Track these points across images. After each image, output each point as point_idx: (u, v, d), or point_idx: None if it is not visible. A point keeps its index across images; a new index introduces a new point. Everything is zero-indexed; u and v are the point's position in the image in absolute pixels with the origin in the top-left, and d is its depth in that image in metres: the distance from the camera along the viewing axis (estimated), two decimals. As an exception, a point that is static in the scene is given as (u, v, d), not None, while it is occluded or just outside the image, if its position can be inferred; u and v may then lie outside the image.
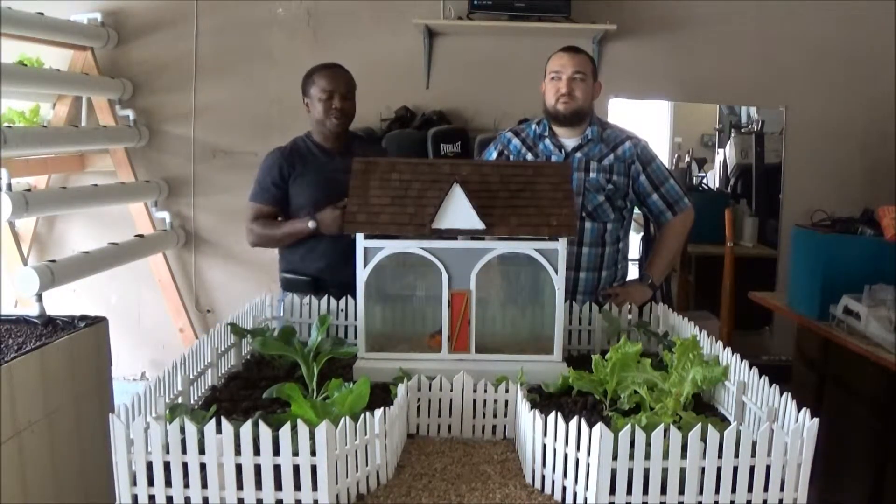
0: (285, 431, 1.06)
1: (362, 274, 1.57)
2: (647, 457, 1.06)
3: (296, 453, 1.07)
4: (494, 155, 2.44)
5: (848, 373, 2.46)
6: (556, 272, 1.55)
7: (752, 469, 1.07)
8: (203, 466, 1.07)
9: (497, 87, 3.70)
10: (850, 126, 3.72)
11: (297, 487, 1.08)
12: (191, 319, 3.81)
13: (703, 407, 1.45)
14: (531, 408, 1.23)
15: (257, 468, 1.07)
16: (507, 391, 1.38)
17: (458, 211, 1.51)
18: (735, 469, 1.07)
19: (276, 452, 1.06)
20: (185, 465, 1.08)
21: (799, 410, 1.15)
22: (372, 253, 1.56)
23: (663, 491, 1.07)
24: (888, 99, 3.65)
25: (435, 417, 1.39)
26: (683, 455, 1.06)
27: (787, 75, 3.72)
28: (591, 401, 1.45)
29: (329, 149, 2.46)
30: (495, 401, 1.39)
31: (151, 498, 1.09)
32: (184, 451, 1.07)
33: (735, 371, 1.41)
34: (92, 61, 3.65)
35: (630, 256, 2.50)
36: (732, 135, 4.16)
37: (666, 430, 1.06)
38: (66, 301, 3.49)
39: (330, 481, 1.08)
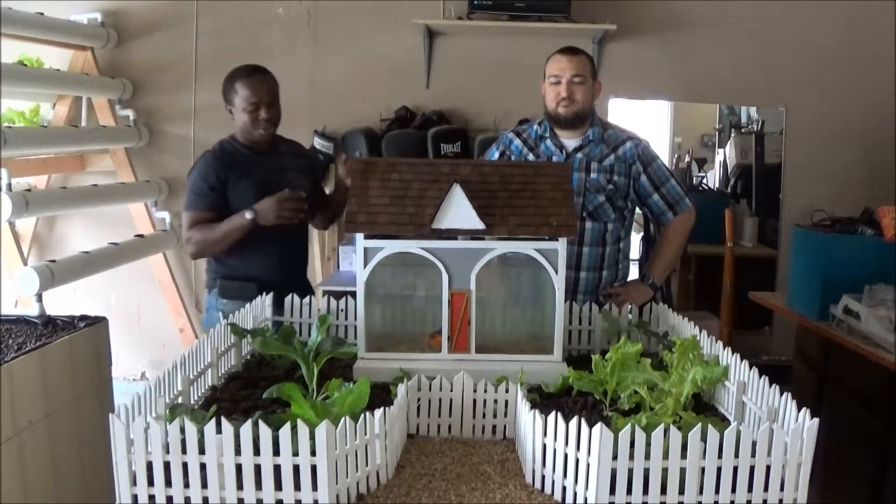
0: (285, 431, 1.06)
1: (362, 274, 1.57)
2: (647, 457, 1.06)
3: (296, 453, 1.07)
4: (497, 155, 2.45)
5: (848, 373, 2.46)
6: (556, 272, 1.55)
7: (752, 469, 1.08)
8: (203, 466, 1.07)
9: (497, 87, 3.70)
10: (850, 126, 3.72)
11: (297, 487, 1.08)
12: (191, 319, 3.81)
13: (703, 407, 1.45)
14: (531, 408, 1.23)
15: (257, 468, 1.07)
16: (507, 391, 1.38)
17: (458, 211, 1.51)
18: (735, 469, 1.07)
19: (276, 452, 1.06)
20: (185, 465, 1.08)
21: (799, 410, 1.15)
22: (372, 253, 1.56)
23: (663, 491, 1.07)
24: (888, 99, 3.65)
25: (435, 417, 1.39)
26: (683, 455, 1.06)
27: (787, 75, 3.72)
28: (591, 401, 1.45)
29: (257, 149, 2.40)
30: (495, 401, 1.39)
31: (151, 498, 1.09)
32: (184, 451, 1.07)
33: (735, 371, 1.41)
34: (92, 61, 3.65)
35: (631, 256, 2.50)
36: (732, 135, 4.16)
37: (666, 430, 1.05)
38: (66, 301, 3.49)
39: (330, 481, 1.08)
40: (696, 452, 1.06)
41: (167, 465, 1.08)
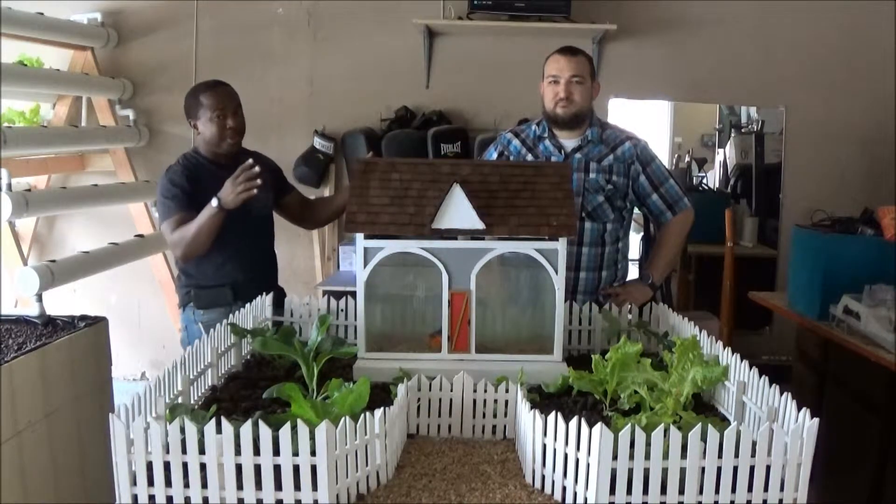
0: (285, 431, 1.06)
1: (362, 274, 1.57)
2: (647, 457, 1.06)
3: (296, 453, 1.07)
4: (495, 156, 2.45)
5: (848, 373, 2.46)
6: (556, 272, 1.55)
7: (752, 469, 1.08)
8: (203, 466, 1.07)
9: (497, 87, 3.70)
10: (850, 126, 3.72)
11: (297, 487, 1.08)
12: (191, 319, 3.81)
13: (703, 407, 1.45)
14: (531, 408, 1.23)
15: (257, 468, 1.07)
16: (507, 391, 1.38)
17: (458, 211, 1.51)
18: (735, 469, 1.07)
19: (276, 452, 1.06)
20: (185, 465, 1.08)
21: (799, 410, 1.15)
22: (372, 253, 1.56)
23: (663, 491, 1.07)
24: (888, 99, 3.65)
25: (435, 417, 1.39)
26: (683, 455, 1.06)
27: (787, 75, 3.72)
28: (591, 401, 1.45)
29: (221, 163, 2.37)
30: (495, 401, 1.39)
31: (151, 498, 1.09)
32: (184, 451, 1.07)
33: (735, 371, 1.41)
34: (92, 61, 3.66)
35: (630, 256, 2.50)
36: (732, 135, 4.16)
37: (666, 430, 1.05)
38: (66, 301, 3.49)
39: (330, 481, 1.08)
40: (696, 452, 1.06)
41: (167, 465, 1.08)
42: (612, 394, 1.43)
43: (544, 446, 1.18)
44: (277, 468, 1.07)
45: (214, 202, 2.22)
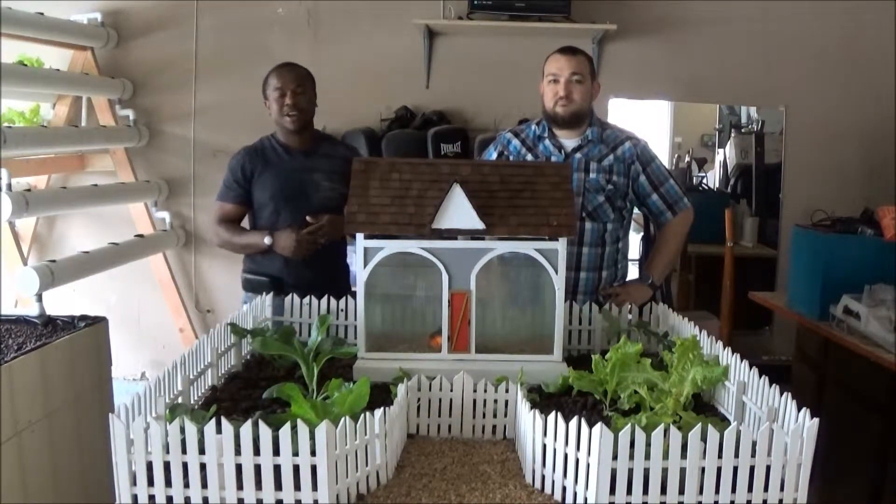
0: (285, 431, 1.06)
1: (362, 274, 1.57)
2: (647, 457, 1.06)
3: (296, 453, 1.07)
4: (494, 156, 2.44)
5: (848, 373, 2.46)
6: (556, 272, 1.55)
7: (752, 469, 1.08)
8: (203, 466, 1.07)
9: (497, 87, 3.70)
10: (850, 126, 3.72)
11: (297, 487, 1.08)
12: (191, 319, 3.81)
13: (703, 407, 1.46)
14: (531, 408, 1.23)
15: (257, 468, 1.07)
16: (507, 391, 1.38)
17: (458, 211, 1.51)
18: (735, 469, 1.07)
19: (276, 452, 1.06)
20: (185, 465, 1.08)
21: (799, 410, 1.15)
22: (372, 253, 1.56)
23: (663, 491, 1.07)
24: (888, 99, 3.65)
25: (435, 417, 1.39)
26: (683, 455, 1.06)
27: (787, 75, 3.72)
28: (591, 401, 1.45)
29: (293, 147, 2.49)
30: (495, 401, 1.39)
31: (151, 498, 1.09)
32: (184, 451, 1.07)
33: (735, 371, 1.41)
34: (92, 61, 3.65)
35: (630, 256, 2.50)
36: (732, 135, 4.16)
37: (666, 430, 1.06)
38: (66, 301, 3.49)
39: (330, 481, 1.08)
40: (696, 452, 1.06)
41: (167, 466, 1.08)
42: (612, 394, 1.43)
43: (544, 446, 1.18)
44: (277, 468, 1.07)
45: (267, 240, 2.35)
